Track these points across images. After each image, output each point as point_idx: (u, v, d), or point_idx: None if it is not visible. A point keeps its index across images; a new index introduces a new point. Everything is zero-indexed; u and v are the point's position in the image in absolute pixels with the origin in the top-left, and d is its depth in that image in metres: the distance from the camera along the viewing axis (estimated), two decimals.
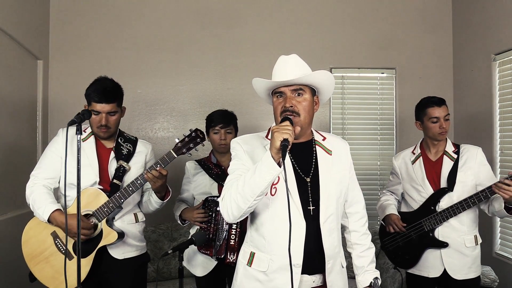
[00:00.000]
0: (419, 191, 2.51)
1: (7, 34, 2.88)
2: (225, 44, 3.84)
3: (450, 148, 2.51)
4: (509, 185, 2.11)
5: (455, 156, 2.48)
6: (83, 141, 2.22)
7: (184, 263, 2.54)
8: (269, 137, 1.56)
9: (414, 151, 2.62)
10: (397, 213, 2.58)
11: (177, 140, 2.15)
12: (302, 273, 1.62)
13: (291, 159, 1.68)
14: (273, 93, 1.69)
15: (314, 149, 1.73)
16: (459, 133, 3.85)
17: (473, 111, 3.64)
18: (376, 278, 1.77)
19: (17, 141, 3.09)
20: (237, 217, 1.57)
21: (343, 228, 1.84)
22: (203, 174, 2.52)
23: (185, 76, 3.83)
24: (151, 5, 3.82)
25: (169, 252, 2.07)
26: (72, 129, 1.89)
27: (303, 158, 1.70)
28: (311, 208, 1.65)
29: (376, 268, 1.82)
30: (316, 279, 1.67)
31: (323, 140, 1.77)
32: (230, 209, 1.56)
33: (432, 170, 2.50)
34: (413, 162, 2.57)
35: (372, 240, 1.83)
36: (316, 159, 1.71)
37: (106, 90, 2.15)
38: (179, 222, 2.52)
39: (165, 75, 3.81)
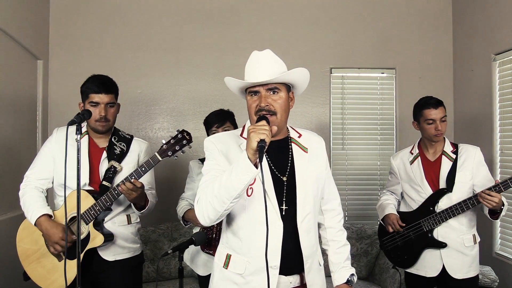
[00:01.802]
0: (418, 191, 2.51)
1: (7, 34, 2.88)
2: (225, 44, 3.84)
3: (448, 148, 2.51)
4: (491, 195, 2.18)
5: (454, 156, 2.48)
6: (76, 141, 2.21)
7: (187, 262, 2.55)
8: (244, 135, 1.49)
9: (412, 151, 2.62)
10: (396, 213, 2.59)
11: (163, 142, 2.05)
12: (279, 274, 1.58)
13: (266, 158, 1.63)
14: (247, 91, 1.63)
15: (290, 147, 1.68)
16: (459, 133, 3.85)
17: (473, 111, 3.64)
18: (353, 274, 1.75)
19: (17, 141, 3.09)
20: (214, 220, 1.52)
21: (319, 226, 1.80)
22: None
23: (185, 76, 3.83)
24: (151, 5, 3.82)
25: (169, 252, 2.06)
26: (71, 129, 1.87)
27: (279, 156, 1.66)
28: (284, 207, 1.60)
29: (376, 268, 1.81)
30: (293, 280, 1.64)
31: (299, 137, 1.72)
32: (206, 213, 1.51)
33: (431, 170, 2.50)
34: (412, 162, 2.57)
35: (372, 240, 1.80)
36: (292, 157, 1.66)
37: (104, 82, 2.17)
38: (181, 222, 2.52)
39: (165, 75, 3.81)
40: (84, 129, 2.25)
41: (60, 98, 3.65)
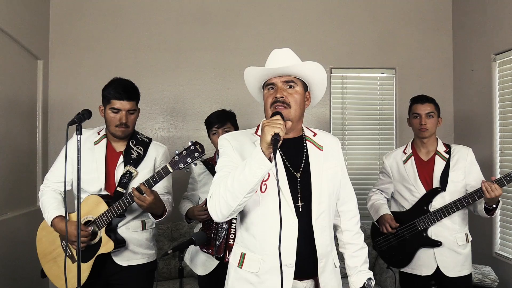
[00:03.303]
0: (411, 191, 2.53)
1: (7, 34, 2.88)
2: (225, 44, 3.84)
3: (441, 148, 2.55)
4: (497, 188, 2.19)
5: (447, 156, 2.51)
6: (95, 144, 2.20)
7: (187, 262, 2.57)
8: (259, 133, 1.50)
9: (405, 151, 2.64)
10: (390, 213, 2.60)
11: (176, 152, 2.01)
12: (294, 277, 1.55)
13: (281, 155, 1.63)
14: (264, 86, 1.65)
15: (304, 144, 1.68)
16: (458, 133, 3.85)
17: (473, 111, 3.64)
18: (370, 278, 1.71)
19: (17, 141, 3.09)
20: (226, 215, 1.50)
21: (335, 228, 1.79)
22: (208, 174, 2.53)
23: (185, 76, 3.83)
24: (151, 5, 3.82)
25: (169, 252, 2.06)
26: (86, 131, 1.85)
27: (293, 153, 1.65)
28: (300, 204, 1.59)
29: (376, 268, 1.79)
30: (307, 284, 1.61)
31: (314, 136, 1.73)
32: (219, 207, 1.49)
33: (424, 170, 2.53)
34: (405, 161, 2.60)
35: (367, 240, 1.79)
36: (307, 154, 1.66)
37: (127, 88, 2.14)
38: (185, 220, 2.54)
39: (165, 75, 3.81)
40: (103, 132, 2.24)
41: (60, 98, 3.65)
